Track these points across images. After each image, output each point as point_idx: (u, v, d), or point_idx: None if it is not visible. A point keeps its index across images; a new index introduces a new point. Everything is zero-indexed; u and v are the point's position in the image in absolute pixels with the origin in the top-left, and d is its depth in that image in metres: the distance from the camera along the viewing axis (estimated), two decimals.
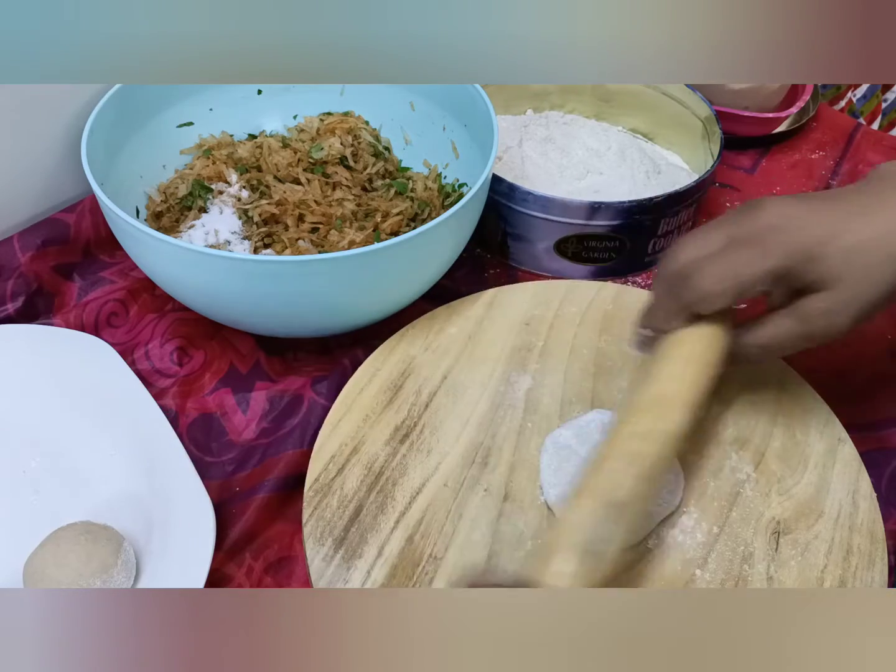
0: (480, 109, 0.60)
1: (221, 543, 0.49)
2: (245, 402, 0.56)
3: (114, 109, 0.59)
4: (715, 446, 0.53)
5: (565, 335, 0.59)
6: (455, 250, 0.58)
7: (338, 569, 0.47)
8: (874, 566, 0.47)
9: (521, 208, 0.64)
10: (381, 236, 0.60)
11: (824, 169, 0.79)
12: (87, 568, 0.44)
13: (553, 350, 0.58)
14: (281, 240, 0.59)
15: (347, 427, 0.53)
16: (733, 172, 0.79)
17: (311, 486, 0.50)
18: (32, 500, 0.51)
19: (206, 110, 0.67)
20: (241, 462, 0.53)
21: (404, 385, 0.55)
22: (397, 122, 0.68)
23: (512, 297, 0.61)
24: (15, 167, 0.63)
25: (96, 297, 0.62)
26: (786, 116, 0.80)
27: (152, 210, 0.62)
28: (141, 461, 0.51)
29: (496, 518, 0.49)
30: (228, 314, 0.56)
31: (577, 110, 0.77)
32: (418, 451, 0.52)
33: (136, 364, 0.58)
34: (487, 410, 0.54)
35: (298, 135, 0.67)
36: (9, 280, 0.60)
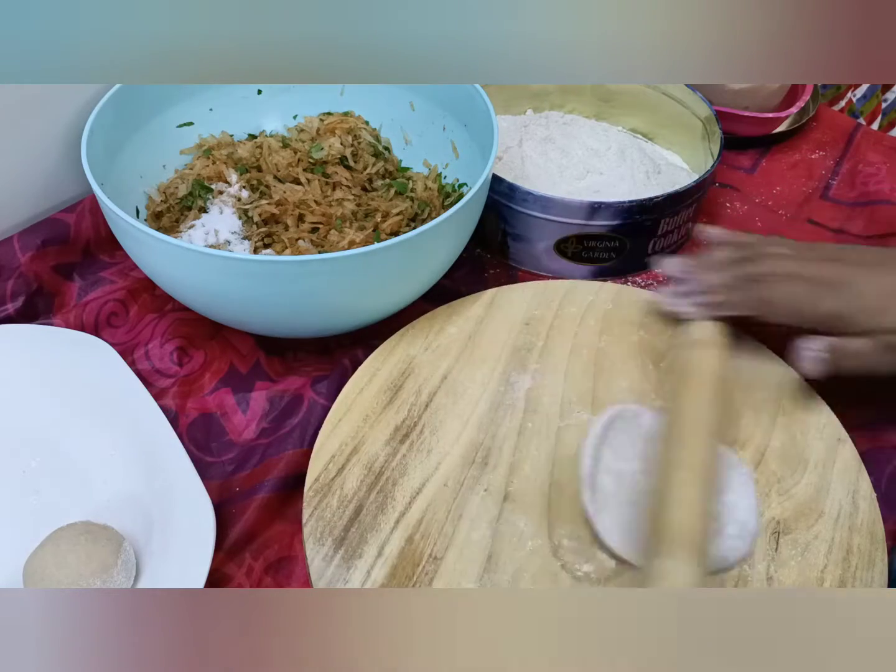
0: (480, 109, 0.60)
1: (221, 543, 0.49)
2: (245, 402, 0.56)
3: (114, 109, 0.59)
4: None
5: (565, 335, 0.59)
6: (455, 250, 0.58)
7: (338, 569, 0.47)
8: (874, 566, 0.47)
9: (521, 208, 0.64)
10: (381, 236, 0.60)
11: (824, 169, 0.79)
12: (87, 568, 0.44)
13: (553, 350, 0.58)
14: (281, 240, 0.59)
15: (347, 427, 0.53)
16: (733, 172, 0.79)
17: (310, 486, 0.50)
18: (32, 500, 0.51)
19: (206, 110, 0.67)
20: (241, 462, 0.53)
21: (404, 385, 0.55)
22: (397, 122, 0.68)
23: (512, 297, 0.61)
24: (15, 167, 0.63)
25: (96, 297, 0.62)
26: (786, 116, 0.80)
27: (152, 210, 0.62)
28: (141, 461, 0.51)
29: (496, 518, 0.49)
30: (228, 314, 0.56)
31: (577, 110, 0.77)
32: (418, 451, 0.52)
33: (136, 364, 0.58)
34: (487, 410, 0.54)
35: (298, 135, 0.67)
36: (9, 280, 0.60)
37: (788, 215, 0.74)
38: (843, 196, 0.76)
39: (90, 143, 0.55)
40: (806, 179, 0.78)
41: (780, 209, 0.75)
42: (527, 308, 0.60)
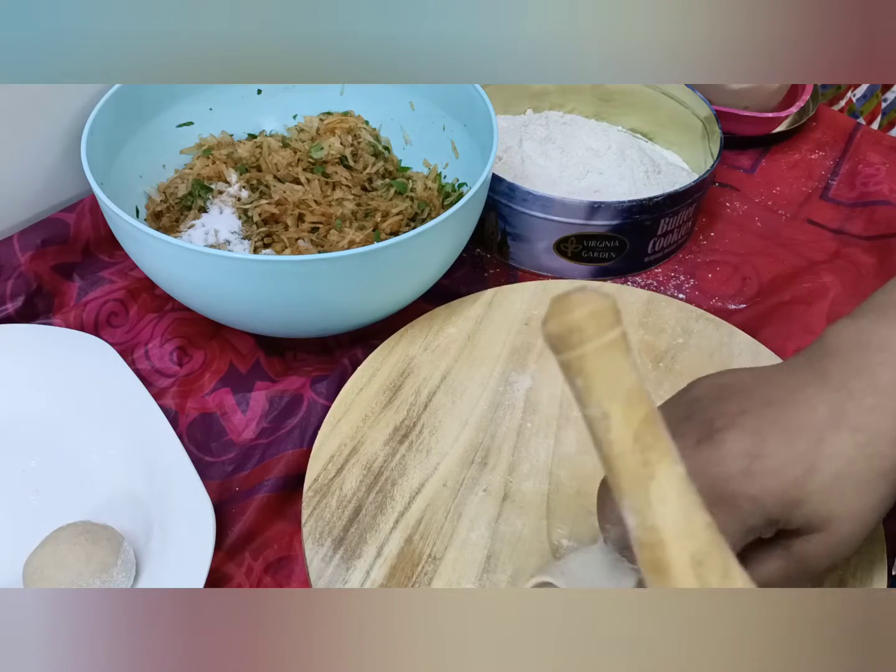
0: (480, 109, 0.60)
1: (221, 543, 0.49)
2: (245, 401, 0.56)
3: (114, 109, 0.59)
4: None
5: None
6: (455, 250, 0.57)
7: (337, 569, 0.47)
8: (874, 566, 0.47)
9: (521, 208, 0.64)
10: (381, 236, 0.60)
11: (824, 169, 0.79)
12: (87, 568, 0.44)
13: None
14: (281, 240, 0.59)
15: (347, 427, 0.53)
16: (733, 172, 0.79)
17: (310, 487, 0.50)
18: (32, 500, 0.51)
19: (206, 110, 0.67)
20: (240, 462, 0.53)
21: (403, 385, 0.55)
22: (397, 121, 0.68)
23: (511, 296, 0.61)
24: (15, 167, 0.63)
25: (96, 296, 0.62)
26: (786, 116, 0.80)
27: (152, 210, 0.62)
28: (141, 461, 0.51)
29: (495, 518, 0.49)
30: (228, 314, 0.56)
31: (576, 110, 0.77)
32: (417, 451, 0.52)
33: (135, 364, 0.58)
34: (487, 410, 0.54)
35: (298, 134, 0.67)
36: (8, 280, 0.60)
37: (788, 215, 0.74)
38: (843, 196, 0.76)
39: (90, 143, 0.55)
40: (806, 179, 0.78)
41: (779, 209, 0.75)
42: (526, 308, 0.60)
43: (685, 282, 0.68)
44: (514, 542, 0.48)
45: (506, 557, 0.47)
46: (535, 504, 0.50)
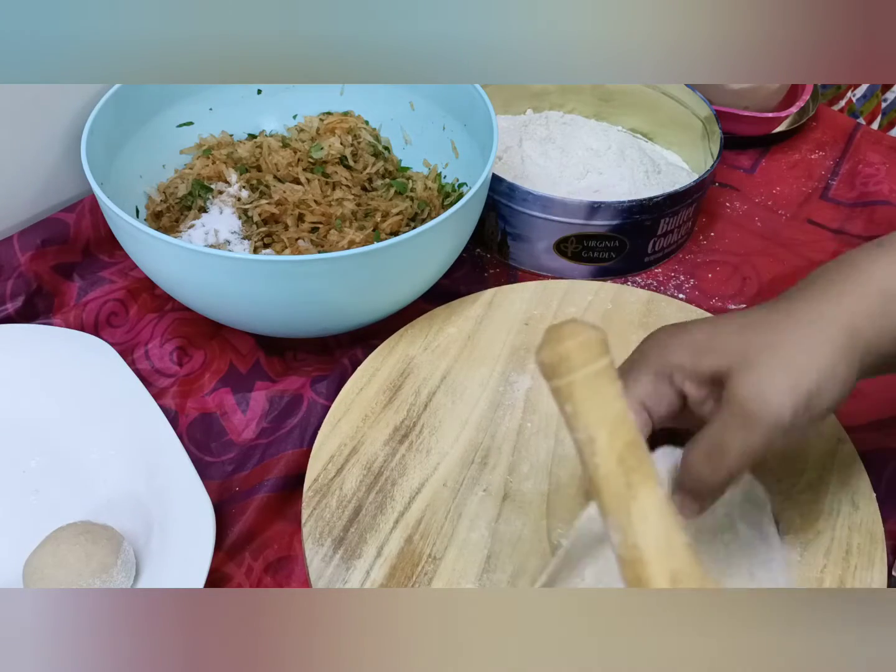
0: (480, 109, 0.60)
1: (221, 543, 0.49)
2: (245, 401, 0.56)
3: (114, 109, 0.59)
4: None
5: None
6: (455, 250, 0.57)
7: (337, 569, 0.47)
8: (874, 566, 0.47)
9: (521, 208, 0.64)
10: (381, 236, 0.60)
11: (824, 169, 0.79)
12: (87, 568, 0.44)
13: None
14: (281, 240, 0.59)
15: (347, 427, 0.53)
16: (733, 172, 0.79)
17: (310, 487, 0.50)
18: (32, 500, 0.51)
19: (206, 110, 0.67)
20: (240, 462, 0.53)
21: (403, 385, 0.55)
22: (397, 121, 0.68)
23: (511, 296, 0.61)
24: (15, 167, 0.63)
25: (96, 296, 0.62)
26: (786, 116, 0.80)
27: (152, 210, 0.62)
28: (141, 461, 0.51)
29: (495, 518, 0.49)
30: (228, 314, 0.56)
31: (576, 110, 0.77)
32: (417, 451, 0.52)
33: (135, 364, 0.58)
34: (487, 410, 0.54)
35: (298, 134, 0.67)
36: (8, 280, 0.60)
37: (788, 215, 0.74)
38: (843, 196, 0.76)
39: (90, 142, 0.55)
40: (806, 179, 0.78)
41: (779, 209, 0.75)
42: (526, 308, 0.60)
43: (685, 282, 0.68)
44: (514, 542, 0.48)
45: (506, 557, 0.47)
46: (535, 504, 0.50)
